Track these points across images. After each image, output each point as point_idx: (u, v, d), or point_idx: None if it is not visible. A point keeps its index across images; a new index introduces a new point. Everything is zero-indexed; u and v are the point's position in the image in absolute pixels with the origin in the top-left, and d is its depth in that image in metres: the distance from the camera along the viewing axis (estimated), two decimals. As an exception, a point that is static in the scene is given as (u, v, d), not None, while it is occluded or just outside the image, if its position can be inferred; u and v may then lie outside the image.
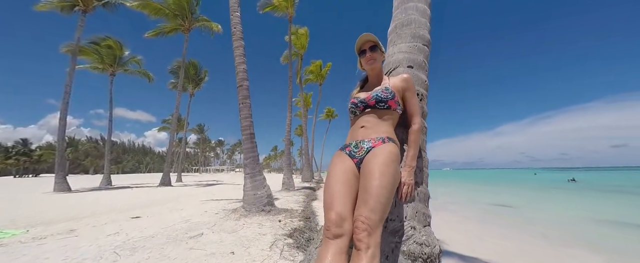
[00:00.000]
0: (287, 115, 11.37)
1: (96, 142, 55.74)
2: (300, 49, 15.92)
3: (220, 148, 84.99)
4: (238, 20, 5.63)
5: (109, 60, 14.72)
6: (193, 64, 19.98)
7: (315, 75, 20.27)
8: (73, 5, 11.46)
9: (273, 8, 11.78)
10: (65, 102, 11.12)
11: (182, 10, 13.24)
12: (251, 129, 5.26)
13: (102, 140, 56.16)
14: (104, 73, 15.29)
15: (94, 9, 11.87)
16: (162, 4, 12.62)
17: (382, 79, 1.36)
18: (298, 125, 40.85)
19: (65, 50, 12.84)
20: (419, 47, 1.63)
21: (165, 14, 12.92)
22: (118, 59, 14.94)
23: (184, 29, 14.13)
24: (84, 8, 11.43)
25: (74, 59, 11.54)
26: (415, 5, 1.75)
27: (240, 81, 5.40)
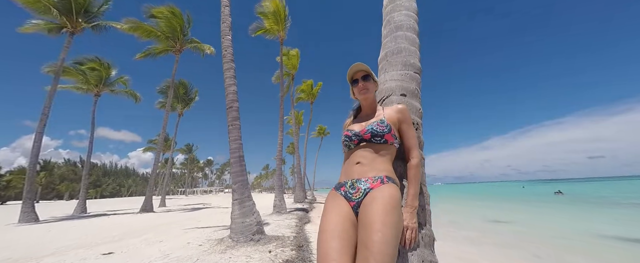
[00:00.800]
0: (279, 134, 11.22)
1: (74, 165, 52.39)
2: (291, 69, 16.25)
3: (209, 168, 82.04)
4: (229, 44, 5.69)
5: (94, 81, 14.36)
6: (183, 84, 19.85)
7: (306, 94, 20.56)
8: (61, 27, 11.35)
9: (265, 31, 12.15)
10: (42, 124, 10.50)
11: (174, 33, 13.40)
12: (240, 151, 5.07)
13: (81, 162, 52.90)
14: (88, 93, 14.82)
15: (82, 31, 11.79)
16: (153, 26, 12.75)
17: (376, 109, 1.31)
18: (290, 143, 40.47)
19: (48, 70, 12.46)
20: (411, 75, 1.63)
21: (156, 36, 13.01)
22: (104, 79, 14.62)
23: (175, 51, 14.19)
24: (72, 30, 11.34)
25: (56, 80, 11.15)
26: (404, 34, 1.78)
27: (230, 103, 5.31)
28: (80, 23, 11.52)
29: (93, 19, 11.95)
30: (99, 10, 11.89)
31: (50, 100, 10.86)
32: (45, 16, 11.01)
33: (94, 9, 11.83)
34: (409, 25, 1.82)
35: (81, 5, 11.33)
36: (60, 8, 10.88)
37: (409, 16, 1.87)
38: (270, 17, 11.51)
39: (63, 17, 11.11)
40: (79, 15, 11.42)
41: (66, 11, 11.08)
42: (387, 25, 1.93)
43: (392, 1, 1.98)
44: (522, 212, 13.49)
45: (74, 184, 45.84)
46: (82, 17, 11.57)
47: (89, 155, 14.49)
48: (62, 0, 10.83)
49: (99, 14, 11.98)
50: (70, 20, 11.27)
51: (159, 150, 14.35)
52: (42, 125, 10.42)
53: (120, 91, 15.70)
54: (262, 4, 11.24)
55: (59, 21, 11.23)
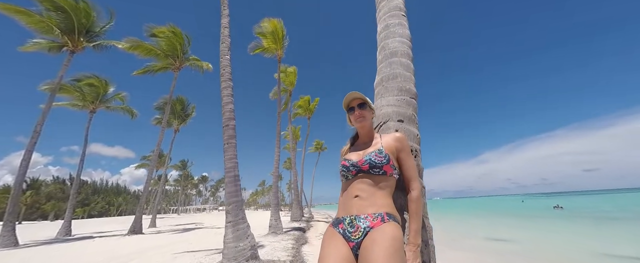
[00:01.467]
0: (276, 150, 11.11)
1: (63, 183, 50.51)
2: (289, 86, 16.52)
3: (203, 184, 79.94)
4: (227, 63, 5.79)
5: (91, 98, 14.33)
6: (180, 100, 19.92)
7: (303, 110, 20.73)
8: (62, 45, 11.53)
9: (263, 50, 12.49)
10: (33, 142, 10.26)
11: (174, 51, 13.69)
12: (236, 170, 4.96)
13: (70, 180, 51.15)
14: (84, 110, 14.71)
15: (83, 49, 11.97)
16: (154, 45, 13.03)
17: (374, 137, 1.29)
18: (287, 158, 40.04)
19: (45, 88, 12.44)
20: (407, 100, 1.64)
21: (156, 54, 13.25)
22: (101, 96, 14.61)
23: (173, 68, 14.41)
24: (73, 48, 11.51)
25: (52, 97, 11.09)
26: (399, 60, 1.82)
27: (226, 121, 5.28)
28: (81, 42, 11.74)
29: (94, 38, 12.19)
30: (101, 29, 12.18)
31: (44, 118, 10.72)
32: (47, 35, 11.22)
33: (96, 29, 12.12)
34: (403, 52, 1.86)
35: (84, 25, 11.61)
36: (62, 28, 11.13)
37: (402, 42, 1.92)
38: (269, 36, 11.90)
39: (65, 36, 11.33)
40: (81, 35, 11.66)
41: (68, 31, 11.32)
42: (381, 51, 1.97)
43: (385, 28, 2.06)
44: (524, 229, 13.20)
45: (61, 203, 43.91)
46: (84, 37, 11.80)
47: (79, 173, 14.04)
48: (65, 20, 11.10)
49: (101, 34, 12.26)
50: (72, 39, 11.48)
51: (152, 166, 14.00)
52: (33, 143, 10.17)
53: (117, 108, 15.64)
54: (260, 24, 11.66)
55: (61, 40, 11.43)
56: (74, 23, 11.25)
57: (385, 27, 2.05)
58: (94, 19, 11.71)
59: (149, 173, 13.94)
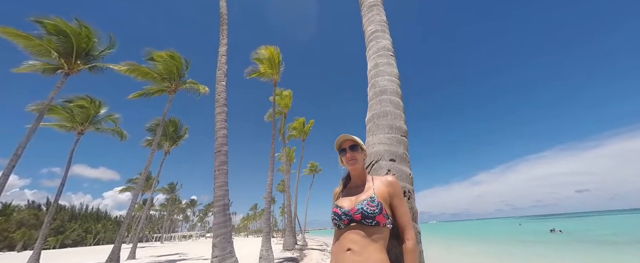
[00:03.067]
0: (269, 174, 10.85)
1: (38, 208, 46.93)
2: (284, 108, 16.75)
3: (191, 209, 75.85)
4: (223, 89, 5.89)
5: (80, 119, 14.05)
6: (173, 122, 19.74)
7: (298, 132, 20.78)
8: (57, 68, 11.57)
9: (259, 74, 12.87)
10: (11, 165, 9.71)
11: (170, 74, 13.91)
12: (225, 199, 4.76)
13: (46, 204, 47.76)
14: (71, 131, 14.31)
15: (78, 72, 12.02)
16: (151, 68, 13.26)
17: (366, 180, 1.28)
18: (281, 181, 39.03)
19: (33, 108, 12.19)
20: (398, 138, 1.66)
21: (152, 77, 13.42)
22: (91, 117, 14.36)
23: (169, 91, 14.51)
24: (68, 71, 11.55)
25: (40, 118, 10.80)
26: (389, 98, 1.89)
27: (219, 146, 5.21)
28: (77, 64, 11.83)
29: (91, 61, 12.34)
30: (100, 53, 12.40)
31: (28, 140, 10.31)
32: (44, 58, 11.30)
33: (95, 53, 12.33)
34: (392, 90, 1.94)
35: (83, 49, 11.81)
36: (61, 51, 11.27)
37: (391, 81, 2.01)
38: (265, 62, 12.35)
39: (61, 59, 11.43)
40: (79, 58, 11.80)
41: (66, 54, 11.46)
42: (372, 88, 2.06)
43: (375, 66, 2.17)
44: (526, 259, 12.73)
45: (33, 231, 40.35)
46: (81, 59, 11.94)
47: (58, 197, 13.17)
48: (65, 44, 11.29)
49: (100, 57, 12.45)
50: (68, 62, 11.58)
51: (137, 190, 13.31)
52: (11, 166, 9.63)
53: (107, 129, 15.31)
54: (258, 51, 12.17)
55: (56, 63, 11.50)
56: (73, 47, 11.44)
57: (375, 65, 2.16)
58: (94, 43, 11.98)
59: (134, 197, 13.19)
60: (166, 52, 13.42)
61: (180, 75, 14.37)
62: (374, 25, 2.42)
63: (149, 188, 26.48)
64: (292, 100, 16.83)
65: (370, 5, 2.57)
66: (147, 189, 27.13)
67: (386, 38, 2.33)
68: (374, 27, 2.41)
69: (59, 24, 10.60)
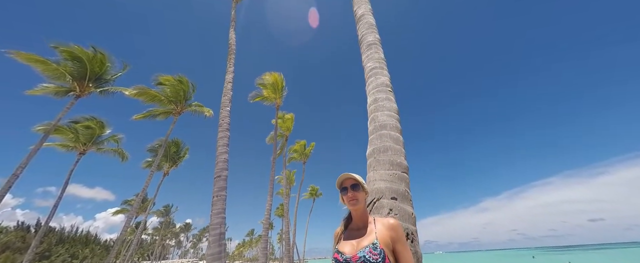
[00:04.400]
0: (268, 198, 10.58)
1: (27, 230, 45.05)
2: (285, 131, 16.91)
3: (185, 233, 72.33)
4: (227, 114, 6.04)
5: (84, 140, 14.20)
6: (175, 143, 19.83)
7: (299, 154, 20.69)
8: (69, 90, 12.03)
9: (263, 98, 13.27)
10: (7, 186, 9.59)
11: (177, 97, 14.36)
12: (222, 227, 4.59)
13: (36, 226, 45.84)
14: (73, 151, 14.37)
15: (89, 94, 12.47)
16: (159, 92, 13.74)
17: (368, 222, 1.26)
18: (280, 204, 37.83)
19: (40, 129, 12.40)
20: (399, 175, 1.67)
21: (159, 100, 13.85)
22: (95, 138, 14.53)
23: (174, 113, 14.86)
24: (79, 93, 12.00)
25: (45, 138, 10.94)
26: (388, 133, 1.94)
27: (219, 171, 5.17)
28: (89, 87, 12.32)
29: (103, 85, 12.87)
30: (112, 77, 12.98)
31: (28, 160, 10.33)
32: (58, 81, 11.82)
33: (107, 77, 12.92)
34: (392, 125, 2.00)
35: (96, 73, 12.40)
36: (75, 75, 11.84)
37: (391, 116, 2.08)
38: (269, 87, 12.81)
39: (75, 82, 11.95)
40: (91, 81, 12.34)
41: (80, 77, 12.01)
42: (372, 122, 2.12)
43: (374, 101, 2.26)
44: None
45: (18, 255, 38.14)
46: (93, 83, 12.47)
47: (49, 219, 12.76)
48: (79, 69, 11.89)
49: (111, 81, 13.01)
50: (81, 85, 12.08)
51: (132, 212, 12.87)
52: (7, 187, 9.50)
53: (109, 149, 15.37)
54: (262, 77, 12.71)
55: (70, 85, 12.00)
56: (87, 71, 12.04)
57: (374, 100, 2.25)
58: (107, 68, 12.62)
59: (128, 220, 12.70)
60: (174, 76, 14.03)
61: (186, 98, 14.82)
62: (372, 62, 2.58)
63: (143, 210, 25.66)
64: (294, 123, 17.07)
65: (369, 44, 2.77)
66: (141, 212, 26.25)
67: (384, 74, 2.46)
68: (372, 64, 2.56)
69: (75, 51, 11.29)
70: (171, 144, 19.35)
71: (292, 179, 25.20)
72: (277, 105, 13.20)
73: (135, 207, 12.99)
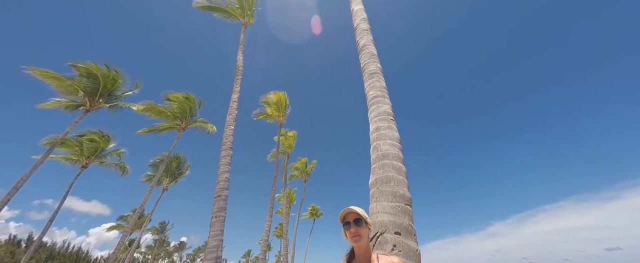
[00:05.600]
0: (267, 218, 10.28)
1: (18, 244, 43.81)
2: (287, 149, 16.90)
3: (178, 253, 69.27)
4: (231, 133, 6.13)
5: (88, 153, 14.32)
6: (177, 158, 19.86)
7: (300, 172, 20.45)
8: (79, 105, 12.40)
9: (266, 116, 13.48)
10: (7, 199, 9.53)
11: (183, 113, 14.67)
12: (219, 250, 4.43)
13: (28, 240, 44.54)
14: (76, 165, 14.42)
15: (98, 109, 12.83)
16: (166, 108, 14.08)
17: (371, 259, 1.23)
18: (279, 224, 36.61)
19: (46, 142, 12.60)
20: (402, 207, 1.66)
21: (166, 116, 14.14)
22: (99, 151, 14.65)
23: (179, 129, 15.08)
24: (89, 108, 12.35)
25: (50, 151, 11.08)
26: (391, 163, 1.96)
27: (219, 191, 5.12)
28: (99, 103, 12.70)
29: (113, 100, 13.28)
30: (122, 94, 13.43)
31: (31, 173, 10.37)
32: (70, 96, 12.25)
33: (118, 93, 13.37)
34: (394, 154, 2.03)
35: (108, 89, 12.86)
36: (88, 91, 12.29)
37: (393, 145, 2.11)
38: (273, 105, 13.08)
39: (86, 97, 12.37)
40: (102, 97, 12.76)
41: (92, 93, 12.45)
42: (374, 151, 2.15)
43: (376, 130, 2.31)
44: None
45: (3, 271, 36.64)
46: (104, 98, 12.88)
47: (43, 233, 12.45)
48: (93, 85, 12.37)
49: (122, 97, 13.44)
50: (92, 100, 12.48)
51: (128, 228, 12.51)
52: (6, 200, 9.44)
53: (110, 163, 15.41)
54: (267, 96, 13.04)
55: (81, 100, 12.40)
56: (99, 87, 12.50)
57: (376, 128, 2.30)
58: (119, 85, 13.11)
59: (123, 237, 12.32)
60: (182, 93, 14.46)
61: (191, 114, 15.13)
62: (374, 91, 2.67)
63: (138, 227, 24.97)
64: (296, 140, 17.12)
65: (371, 73, 2.89)
66: (136, 228, 25.50)
67: (386, 103, 2.53)
68: (374, 93, 2.66)
69: (91, 68, 11.82)
70: (173, 159, 19.36)
71: (293, 198, 24.65)
72: (280, 123, 13.37)
73: (131, 224, 12.68)
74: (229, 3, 10.06)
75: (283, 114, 13.42)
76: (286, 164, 17.07)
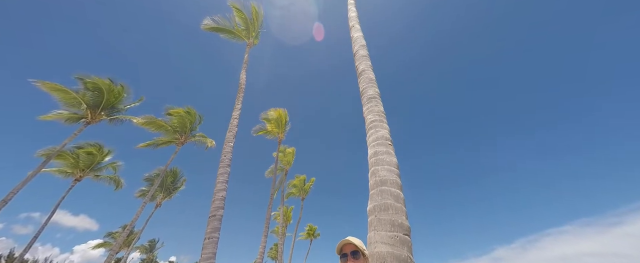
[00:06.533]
0: (262, 239, 9.89)
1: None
2: (286, 165, 16.75)
3: (166, 273, 65.23)
4: (230, 150, 6.12)
5: (83, 166, 14.12)
6: (173, 172, 19.56)
7: (298, 189, 20.07)
8: (80, 117, 12.49)
9: (266, 133, 13.54)
10: (-8, 213, 9.22)
11: (183, 128, 14.74)
12: (210, 275, 4.22)
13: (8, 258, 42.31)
14: (69, 178, 14.15)
15: (98, 122, 12.89)
16: (167, 122, 14.18)
17: None
18: (274, 244, 35.07)
19: (42, 154, 12.48)
20: (401, 238, 1.63)
21: (166, 130, 14.19)
22: (95, 164, 14.46)
23: (178, 143, 15.05)
24: (90, 121, 12.41)
25: (44, 163, 10.94)
26: (389, 190, 1.96)
27: (214, 210, 5.00)
28: (101, 115, 12.80)
29: (114, 113, 13.40)
30: (125, 107, 13.59)
31: (23, 185, 10.14)
32: (73, 108, 12.37)
33: (120, 106, 13.54)
34: (392, 181, 2.03)
35: (111, 102, 13.04)
36: (90, 103, 12.45)
37: (391, 171, 2.13)
38: (273, 122, 13.20)
39: (88, 110, 12.49)
40: (104, 110, 12.89)
41: (95, 106, 12.60)
42: (372, 176, 2.15)
43: (375, 154, 2.33)
44: None
45: (-24, 291, 34.27)
46: (106, 111, 13.01)
47: (27, 249, 11.86)
48: (96, 98, 12.56)
49: (123, 110, 13.58)
50: (93, 113, 12.59)
51: (116, 246, 11.94)
52: (-8, 214, 9.12)
53: (105, 177, 15.14)
54: (267, 112, 13.21)
55: (83, 113, 12.51)
56: (103, 100, 12.68)
57: (375, 153, 2.33)
58: (122, 98, 13.31)
59: (110, 256, 11.71)
60: (183, 108, 14.65)
61: (191, 128, 15.19)
62: (372, 115, 2.74)
63: (127, 245, 23.86)
64: (294, 157, 17.03)
65: (369, 98, 2.98)
66: (124, 246, 24.34)
67: (384, 127, 2.59)
68: (372, 117, 2.72)
69: (98, 82, 12.08)
70: (169, 174, 19.05)
71: (289, 216, 23.91)
72: (280, 139, 13.41)
73: (120, 242, 12.14)
74: (235, 25, 10.59)
75: (283, 131, 13.50)
76: (284, 181, 16.81)
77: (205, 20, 10.36)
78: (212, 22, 10.31)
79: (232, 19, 10.71)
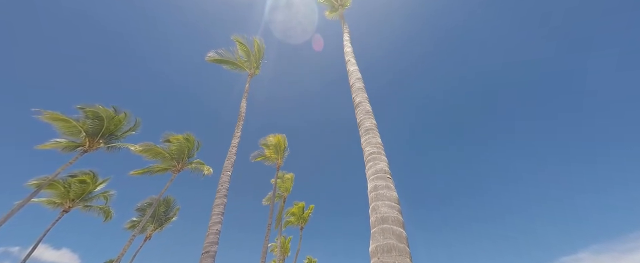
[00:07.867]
0: (257, 276, 9.13)
1: (-39, 304, 37.37)
2: (284, 192, 16.29)
3: (150, 315, 58.64)
4: (227, 179, 6.01)
5: (74, 195, 13.63)
6: (167, 202, 18.84)
7: (296, 218, 19.20)
8: (78, 146, 12.42)
9: (264, 158, 13.44)
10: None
11: (181, 155, 14.62)
12: (199, 323, 3.81)
13: (-25, 299, 38.26)
14: (57, 208, 13.54)
15: (96, 150, 12.80)
16: (165, 149, 14.11)
17: None
18: (269, 280, 32.22)
19: (33, 183, 12.11)
20: (405, 284, 1.54)
21: (163, 157, 14.06)
22: (86, 194, 13.98)
23: (174, 170, 14.79)
24: (87, 149, 12.33)
25: (34, 193, 10.58)
26: (391, 228, 1.90)
27: (208, 245, 4.72)
28: (98, 143, 12.76)
29: (112, 141, 13.38)
30: (122, 134, 13.63)
31: (8, 217, 9.66)
32: (72, 136, 12.36)
33: (119, 133, 13.58)
34: (394, 218, 1.98)
35: (110, 130, 13.10)
36: (90, 131, 12.49)
37: (392, 207, 2.08)
38: (272, 148, 13.20)
39: (87, 138, 12.48)
40: (102, 137, 12.89)
41: (94, 133, 12.63)
42: (373, 213, 2.10)
43: (374, 189, 2.31)
44: None
45: None
46: (104, 139, 13.00)
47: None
48: (96, 127, 12.65)
49: (122, 138, 13.59)
50: (91, 141, 12.57)
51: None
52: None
53: (95, 207, 14.51)
54: (266, 138, 13.29)
55: (81, 141, 12.48)
56: (102, 128, 12.76)
57: (374, 187, 2.31)
58: (122, 125, 13.42)
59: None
60: (183, 135, 14.70)
61: (189, 155, 15.07)
62: (371, 147, 2.77)
63: (109, 283, 21.83)
64: (293, 183, 16.66)
65: (366, 129, 3.05)
66: (106, 285, 22.23)
67: (383, 159, 2.60)
68: (371, 149, 2.75)
69: (99, 111, 12.29)
70: (162, 203, 18.32)
71: (287, 248, 22.46)
72: (278, 165, 13.25)
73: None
74: (237, 57, 11.22)
75: (281, 157, 13.42)
76: (282, 209, 16.19)
77: (210, 53, 11.00)
78: (216, 55, 10.93)
79: (235, 52, 11.38)
